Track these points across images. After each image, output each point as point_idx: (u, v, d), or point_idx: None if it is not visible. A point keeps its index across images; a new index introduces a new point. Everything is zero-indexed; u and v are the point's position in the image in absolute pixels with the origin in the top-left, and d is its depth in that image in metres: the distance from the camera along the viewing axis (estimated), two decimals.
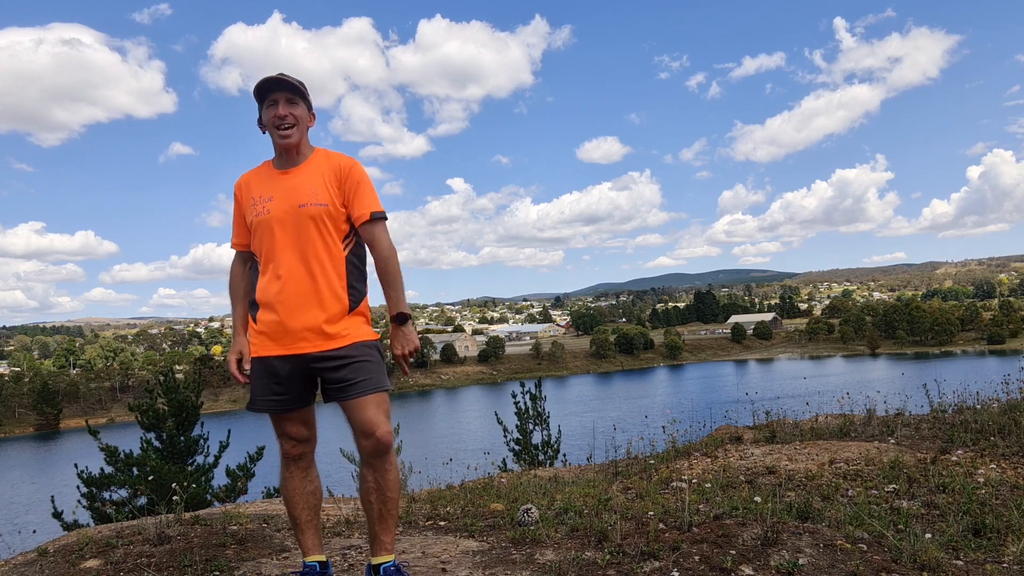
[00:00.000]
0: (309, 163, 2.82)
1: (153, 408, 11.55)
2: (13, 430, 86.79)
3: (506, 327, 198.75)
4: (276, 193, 2.77)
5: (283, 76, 2.77)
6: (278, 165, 2.84)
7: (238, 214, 2.91)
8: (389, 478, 2.76)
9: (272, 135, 2.79)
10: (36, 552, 3.65)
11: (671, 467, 5.81)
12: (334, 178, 2.78)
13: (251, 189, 2.84)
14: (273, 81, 2.76)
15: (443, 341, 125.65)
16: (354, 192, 2.79)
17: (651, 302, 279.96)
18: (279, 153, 2.83)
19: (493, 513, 4.23)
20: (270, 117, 2.76)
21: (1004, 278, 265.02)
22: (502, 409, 13.27)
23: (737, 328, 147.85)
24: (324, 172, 2.79)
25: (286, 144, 2.76)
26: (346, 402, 2.71)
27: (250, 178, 2.88)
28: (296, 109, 2.76)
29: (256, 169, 2.91)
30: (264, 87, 2.76)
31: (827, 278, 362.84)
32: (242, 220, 2.89)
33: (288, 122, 2.74)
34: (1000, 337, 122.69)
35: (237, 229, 2.93)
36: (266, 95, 2.77)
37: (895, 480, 4.56)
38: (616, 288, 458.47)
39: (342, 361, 2.70)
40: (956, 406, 7.22)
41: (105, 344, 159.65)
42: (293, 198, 2.73)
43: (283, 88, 2.76)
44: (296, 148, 2.80)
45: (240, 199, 2.88)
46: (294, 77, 2.79)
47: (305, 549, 2.86)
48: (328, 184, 2.77)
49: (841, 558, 2.97)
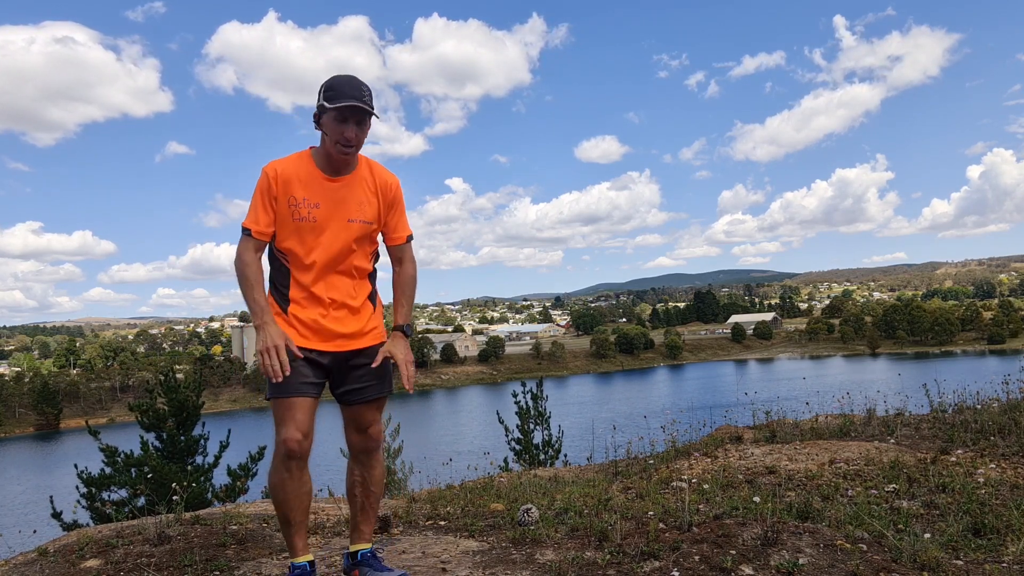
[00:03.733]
0: (356, 174, 2.82)
1: (153, 408, 11.55)
2: (13, 430, 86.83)
3: (506, 327, 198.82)
4: (324, 201, 2.75)
5: (365, 103, 2.67)
6: (325, 170, 2.77)
7: (266, 201, 2.75)
8: (375, 473, 2.98)
9: (330, 147, 2.72)
10: (36, 552, 3.65)
11: (671, 467, 5.81)
12: (380, 195, 2.85)
13: (292, 187, 2.74)
14: (354, 107, 2.65)
15: (443, 341, 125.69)
16: (396, 214, 2.92)
17: (651, 302, 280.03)
18: (329, 160, 2.77)
19: (493, 513, 4.23)
20: (337, 132, 2.68)
21: (1004, 278, 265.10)
22: (503, 409, 13.28)
23: (737, 328, 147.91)
24: (371, 187, 2.83)
25: (343, 160, 2.75)
26: (362, 403, 2.92)
27: (289, 173, 2.76)
28: (363, 131, 2.73)
29: (293, 162, 2.78)
30: (341, 96, 2.65)
31: (827, 278, 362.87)
32: (270, 208, 2.76)
33: (353, 143, 2.71)
34: (1000, 337, 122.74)
35: (262, 217, 2.76)
36: (339, 104, 2.65)
37: (895, 480, 4.56)
38: (616, 288, 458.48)
39: (371, 359, 2.89)
40: (956, 406, 7.22)
41: (105, 344, 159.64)
42: (343, 211, 2.77)
43: (359, 111, 2.69)
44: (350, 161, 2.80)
45: (275, 191, 2.75)
46: (370, 99, 2.71)
47: (296, 550, 2.86)
48: (373, 201, 2.83)
49: (841, 558, 2.97)
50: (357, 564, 2.97)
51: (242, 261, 2.75)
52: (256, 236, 2.76)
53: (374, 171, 2.87)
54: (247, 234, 2.76)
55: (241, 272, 2.74)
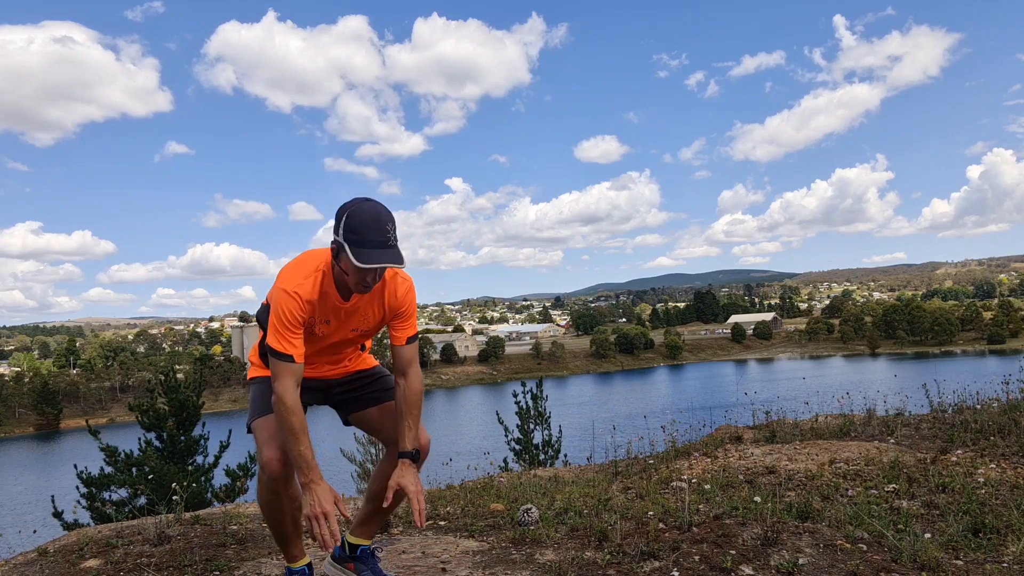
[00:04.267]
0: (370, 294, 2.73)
1: (154, 408, 11.57)
2: (13, 430, 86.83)
3: (506, 327, 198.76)
4: (334, 319, 2.72)
5: (393, 256, 2.50)
6: (341, 292, 2.68)
7: (299, 328, 2.60)
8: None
9: (350, 281, 2.57)
10: (36, 552, 3.66)
11: (671, 467, 5.81)
12: (388, 309, 2.80)
13: (314, 310, 2.65)
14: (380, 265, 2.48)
15: (443, 341, 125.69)
16: (402, 319, 2.82)
17: (651, 302, 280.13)
18: (346, 287, 2.66)
19: (493, 513, 4.23)
20: (359, 276, 2.52)
21: (1004, 278, 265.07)
22: (502, 409, 13.28)
23: (737, 328, 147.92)
24: (381, 301, 2.78)
25: (358, 293, 2.66)
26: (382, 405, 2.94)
27: (314, 299, 2.63)
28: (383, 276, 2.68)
29: (310, 285, 2.62)
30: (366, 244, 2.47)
31: (827, 278, 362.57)
32: (301, 334, 2.62)
33: (372, 287, 2.61)
34: (1000, 337, 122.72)
35: (299, 343, 2.60)
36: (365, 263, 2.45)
37: (895, 480, 4.56)
38: (616, 288, 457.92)
39: (369, 376, 2.99)
40: (956, 406, 7.22)
41: (105, 344, 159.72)
42: (348, 324, 2.78)
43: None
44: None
45: (305, 318, 2.62)
46: (396, 237, 2.55)
47: (292, 557, 2.85)
48: (379, 314, 2.82)
49: (841, 558, 2.97)
50: (354, 559, 2.95)
51: (286, 407, 2.52)
52: (299, 361, 2.58)
53: (387, 285, 2.77)
54: (288, 360, 2.55)
55: (286, 420, 2.53)
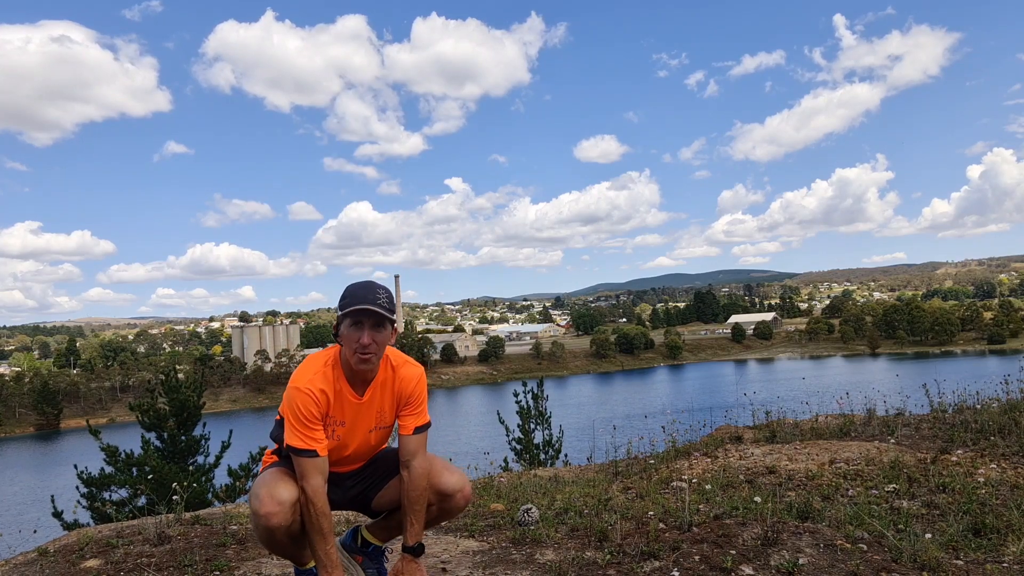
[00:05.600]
0: (378, 382, 2.77)
1: (154, 408, 11.56)
2: (13, 430, 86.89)
3: (506, 327, 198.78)
4: (349, 419, 2.73)
5: (377, 307, 2.59)
6: (352, 384, 2.72)
7: (318, 419, 2.64)
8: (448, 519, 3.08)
9: (350, 356, 2.64)
10: (37, 552, 3.66)
11: (671, 467, 5.80)
12: (399, 399, 2.82)
13: (330, 406, 2.69)
14: (365, 310, 2.59)
15: (443, 341, 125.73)
16: (410, 407, 2.84)
17: (651, 302, 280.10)
18: (353, 373, 2.70)
19: (493, 513, 4.23)
20: (353, 339, 2.60)
21: (1004, 278, 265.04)
22: (503, 409, 13.28)
23: (737, 328, 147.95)
24: (391, 391, 2.80)
25: (362, 369, 2.66)
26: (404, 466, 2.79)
27: (329, 393, 2.67)
28: (380, 335, 2.63)
29: (322, 378, 2.67)
30: (354, 302, 2.60)
31: (827, 278, 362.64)
32: (320, 427, 2.65)
33: (370, 350, 2.61)
34: (1000, 337, 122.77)
35: (320, 436, 2.63)
36: (352, 313, 2.60)
37: (895, 480, 4.55)
38: (615, 288, 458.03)
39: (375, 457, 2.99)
40: (956, 406, 7.22)
41: (105, 344, 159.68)
42: (365, 424, 2.78)
43: (372, 315, 2.61)
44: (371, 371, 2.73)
45: (323, 411, 2.66)
46: (386, 302, 2.63)
47: (302, 561, 2.84)
48: (394, 405, 2.82)
49: (841, 558, 2.97)
50: (364, 552, 2.99)
51: (316, 508, 2.57)
52: (323, 455, 2.61)
53: (396, 372, 2.81)
54: (312, 456, 2.58)
55: (316, 523, 2.57)
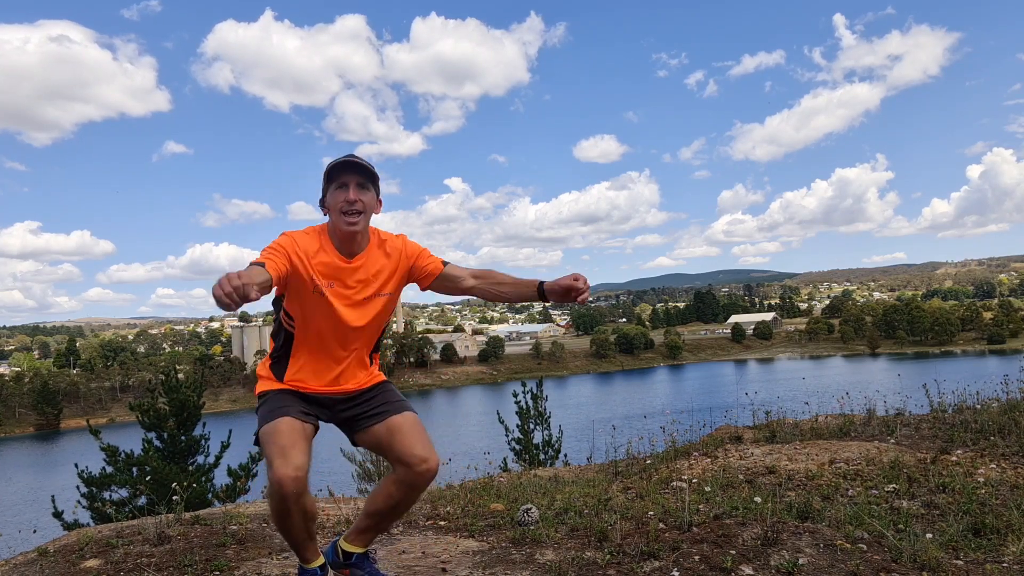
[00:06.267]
0: (370, 250, 2.76)
1: (154, 408, 11.57)
2: (13, 430, 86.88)
3: (506, 327, 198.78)
4: (339, 280, 2.69)
5: (356, 159, 2.64)
6: (341, 250, 2.71)
7: (282, 257, 2.56)
8: (414, 499, 2.84)
9: (337, 220, 2.64)
10: (36, 552, 3.66)
11: (671, 467, 5.80)
12: (402, 259, 2.81)
13: (310, 260, 2.64)
14: (345, 164, 2.63)
15: (443, 341, 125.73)
16: (425, 259, 2.85)
17: (651, 302, 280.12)
18: (341, 238, 2.69)
19: (493, 513, 4.23)
20: (338, 201, 2.62)
21: (1004, 278, 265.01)
22: (503, 409, 13.28)
23: (737, 328, 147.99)
24: (385, 257, 2.79)
25: (351, 231, 2.64)
26: (387, 421, 2.77)
27: (308, 247, 2.65)
28: (366, 195, 2.65)
29: (309, 237, 2.68)
30: (335, 168, 2.64)
31: (827, 278, 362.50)
32: (284, 262, 2.56)
33: (356, 208, 2.63)
34: (1000, 337, 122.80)
35: (277, 263, 2.53)
36: (335, 176, 2.64)
37: (895, 480, 4.56)
38: (615, 288, 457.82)
39: (372, 392, 2.88)
40: (956, 406, 7.22)
41: (105, 344, 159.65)
42: (361, 289, 2.72)
43: (355, 171, 2.63)
44: (359, 235, 2.71)
45: (292, 257, 2.60)
46: (367, 161, 2.68)
47: (306, 559, 2.82)
48: (393, 270, 2.79)
49: (841, 558, 2.98)
50: (349, 565, 2.91)
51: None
52: (269, 272, 2.45)
53: (385, 243, 2.80)
54: (260, 266, 2.46)
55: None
